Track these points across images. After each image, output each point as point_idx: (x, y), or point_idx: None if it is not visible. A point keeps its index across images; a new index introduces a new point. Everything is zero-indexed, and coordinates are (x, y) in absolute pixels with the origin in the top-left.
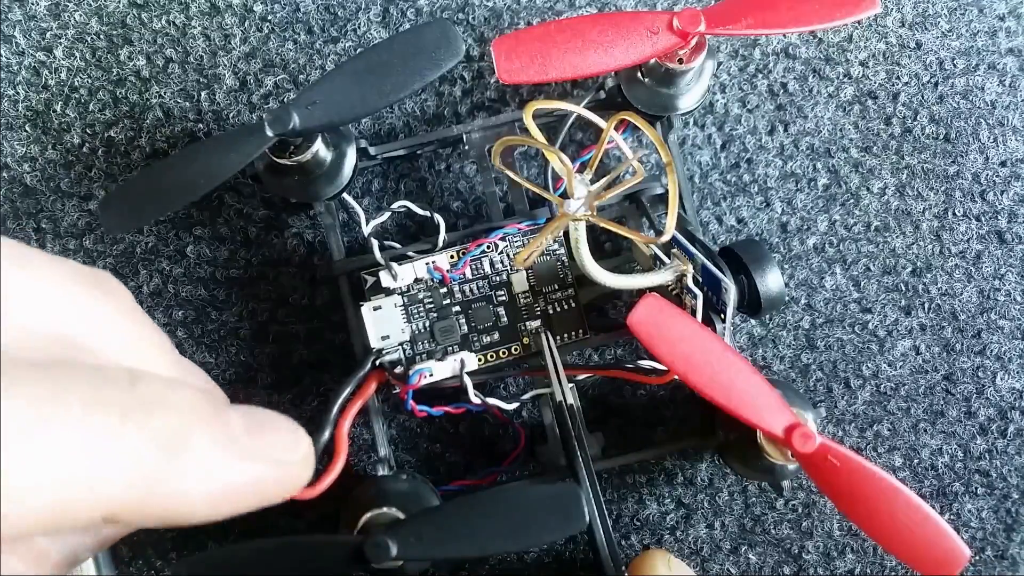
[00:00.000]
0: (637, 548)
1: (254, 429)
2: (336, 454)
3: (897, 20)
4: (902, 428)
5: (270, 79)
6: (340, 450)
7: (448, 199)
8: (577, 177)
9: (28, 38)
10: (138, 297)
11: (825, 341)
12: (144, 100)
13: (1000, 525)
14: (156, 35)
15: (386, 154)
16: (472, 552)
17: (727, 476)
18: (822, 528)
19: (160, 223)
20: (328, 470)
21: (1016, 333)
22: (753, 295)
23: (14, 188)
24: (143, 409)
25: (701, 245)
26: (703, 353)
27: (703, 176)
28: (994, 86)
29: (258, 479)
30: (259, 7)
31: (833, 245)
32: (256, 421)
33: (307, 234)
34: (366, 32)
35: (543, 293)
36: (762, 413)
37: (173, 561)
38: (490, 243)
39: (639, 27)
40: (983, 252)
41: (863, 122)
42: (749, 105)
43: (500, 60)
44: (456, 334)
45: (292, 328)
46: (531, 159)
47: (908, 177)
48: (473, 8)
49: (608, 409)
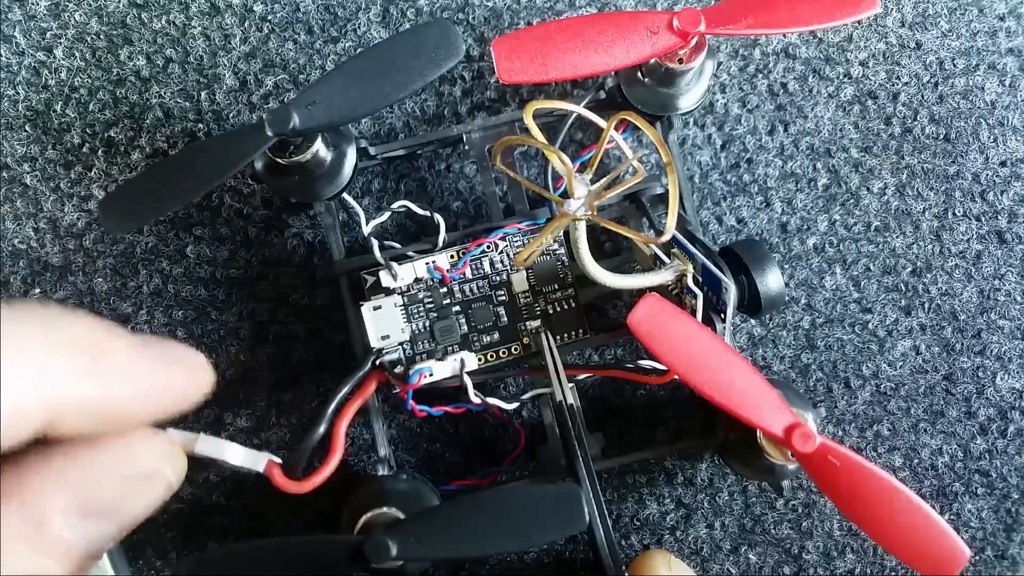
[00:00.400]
0: (637, 548)
1: (152, 342)
2: (331, 452)
3: (897, 20)
4: (902, 428)
5: (270, 79)
6: (336, 448)
7: (448, 199)
8: (577, 177)
9: (28, 38)
10: (138, 297)
11: (825, 341)
12: (144, 100)
13: (1000, 525)
14: (156, 35)
15: (386, 154)
16: (472, 552)
17: (727, 476)
18: (822, 528)
19: (160, 223)
20: (322, 466)
21: (1016, 333)
22: (753, 295)
23: (14, 188)
24: (63, 325)
25: (701, 245)
26: (703, 353)
27: (703, 176)
28: (994, 86)
29: (171, 378)
30: (259, 7)
31: (833, 245)
32: (150, 340)
33: (307, 234)
34: (366, 32)
35: (543, 293)
36: (762, 413)
37: (173, 561)
38: (490, 243)
39: (639, 27)
40: (983, 252)
41: (863, 122)
42: (749, 105)
43: (500, 60)
44: (456, 334)
45: (292, 328)
46: (531, 159)
47: (908, 177)
48: (473, 8)
49: (608, 409)
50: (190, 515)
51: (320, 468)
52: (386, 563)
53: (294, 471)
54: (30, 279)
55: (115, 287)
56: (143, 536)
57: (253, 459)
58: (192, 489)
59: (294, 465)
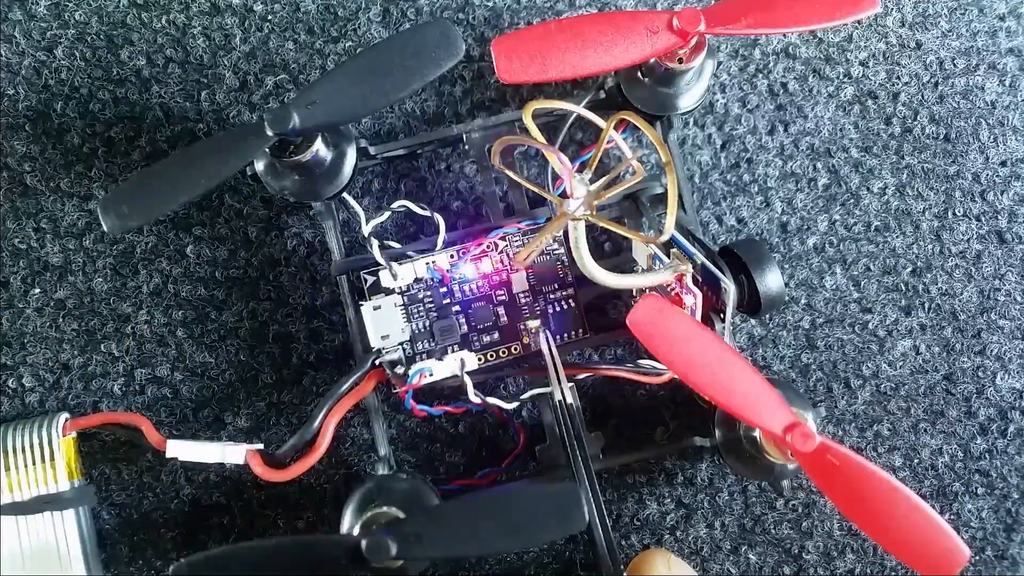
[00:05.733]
0: (637, 548)
1: None
2: (317, 444)
3: (897, 20)
4: (902, 428)
5: (270, 79)
6: (321, 442)
7: (448, 199)
8: (577, 177)
9: (28, 38)
10: (138, 297)
11: (825, 341)
12: (144, 100)
13: (1000, 525)
14: (156, 35)
15: (386, 154)
16: (472, 552)
17: (727, 476)
18: (822, 528)
19: (160, 223)
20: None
21: (1016, 333)
22: (753, 295)
23: (14, 188)
24: None
25: (701, 245)
26: (703, 353)
27: (703, 176)
28: (994, 86)
29: None
30: (259, 7)
31: (833, 245)
32: None
33: (307, 234)
34: (366, 32)
35: (543, 293)
36: (762, 413)
37: (173, 561)
38: (490, 243)
39: (639, 27)
40: (983, 252)
41: (863, 122)
42: (749, 105)
43: (500, 60)
44: (456, 334)
45: (292, 328)
46: (531, 159)
47: (908, 177)
48: (473, 8)
49: (608, 409)
50: (190, 515)
51: (302, 459)
52: (386, 563)
53: (278, 461)
54: (30, 279)
55: (115, 287)
56: (143, 536)
57: (232, 453)
58: (192, 489)
59: (280, 456)
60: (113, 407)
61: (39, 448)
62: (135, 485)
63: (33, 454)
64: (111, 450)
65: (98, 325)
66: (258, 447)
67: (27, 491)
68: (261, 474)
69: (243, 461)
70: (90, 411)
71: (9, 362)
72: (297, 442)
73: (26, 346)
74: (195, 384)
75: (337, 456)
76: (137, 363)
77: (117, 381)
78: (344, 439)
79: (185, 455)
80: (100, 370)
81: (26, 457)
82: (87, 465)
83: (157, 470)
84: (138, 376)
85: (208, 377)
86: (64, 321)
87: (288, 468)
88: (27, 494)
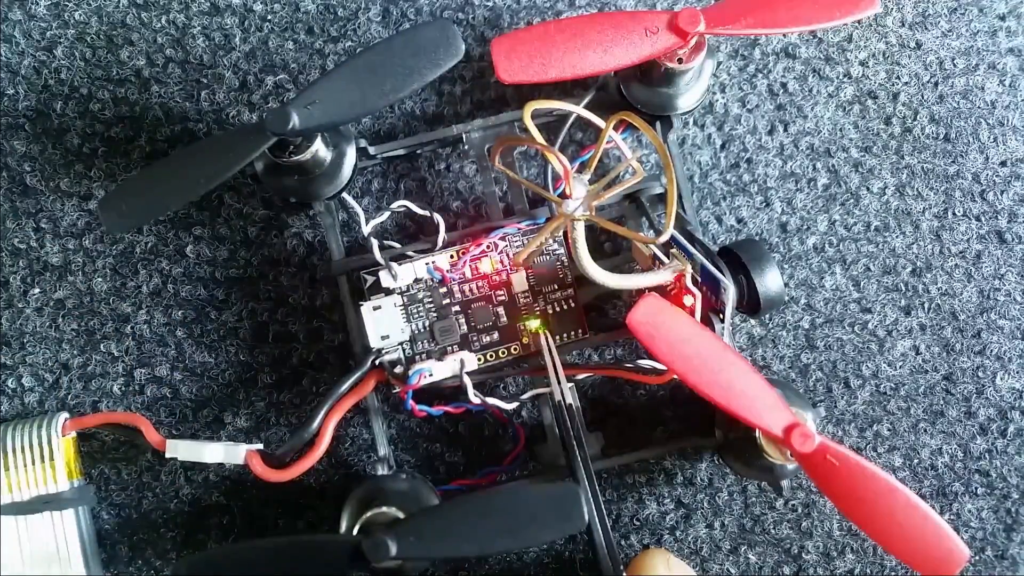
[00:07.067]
0: (637, 548)
1: None
2: (316, 444)
3: (897, 20)
4: (902, 428)
5: (270, 79)
6: (321, 442)
7: (448, 199)
8: (576, 177)
9: (28, 38)
10: (138, 297)
11: (825, 341)
12: (144, 100)
13: (1000, 525)
14: (156, 35)
15: (386, 154)
16: (472, 552)
17: (727, 476)
18: (822, 528)
19: (160, 223)
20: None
21: (1016, 333)
22: (753, 295)
23: (14, 188)
24: None
25: (700, 245)
26: (702, 353)
27: (703, 176)
28: (994, 86)
29: None
30: (259, 7)
31: (833, 245)
32: None
33: (307, 234)
34: (366, 32)
35: (543, 293)
36: (762, 413)
37: (173, 561)
38: (490, 243)
39: (639, 27)
40: (983, 252)
41: (863, 122)
42: (749, 105)
43: (500, 60)
44: (456, 334)
45: (292, 328)
46: (531, 159)
47: (908, 177)
48: (473, 8)
49: (608, 409)
50: (190, 515)
51: (302, 459)
52: (385, 562)
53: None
54: (30, 279)
55: (115, 287)
56: (143, 536)
57: (232, 453)
58: (192, 489)
59: (280, 456)
60: (113, 407)
61: (39, 448)
62: (135, 485)
63: (33, 454)
64: (111, 450)
65: (98, 325)
66: (258, 447)
67: (27, 491)
68: (261, 474)
69: (243, 461)
70: (90, 411)
71: (9, 362)
72: (297, 442)
73: (25, 346)
74: (195, 384)
75: (337, 456)
76: (137, 363)
77: (117, 381)
78: (344, 439)
79: (185, 455)
80: (100, 370)
81: (26, 457)
82: (87, 465)
83: (157, 470)
84: (138, 376)
85: (208, 377)
86: (64, 321)
87: (288, 468)
88: (27, 494)
